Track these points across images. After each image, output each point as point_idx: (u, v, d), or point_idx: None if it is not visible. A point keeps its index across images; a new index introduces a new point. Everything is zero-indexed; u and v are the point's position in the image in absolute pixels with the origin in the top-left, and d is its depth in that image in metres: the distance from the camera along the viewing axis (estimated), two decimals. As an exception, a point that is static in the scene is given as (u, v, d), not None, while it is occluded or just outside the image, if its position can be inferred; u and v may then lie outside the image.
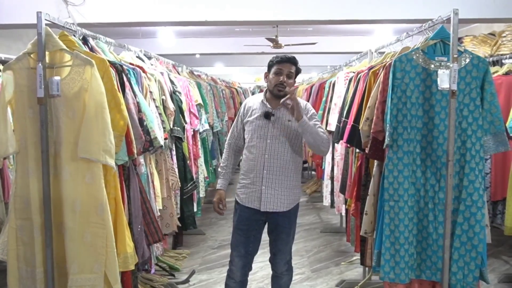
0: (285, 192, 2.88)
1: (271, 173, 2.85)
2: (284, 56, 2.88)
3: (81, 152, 2.35)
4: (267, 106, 2.92)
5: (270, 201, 2.86)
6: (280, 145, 2.86)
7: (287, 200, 2.89)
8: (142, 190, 2.88)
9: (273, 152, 2.85)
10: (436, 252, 2.56)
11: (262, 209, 2.86)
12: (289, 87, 2.82)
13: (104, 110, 2.38)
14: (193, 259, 4.59)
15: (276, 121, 2.87)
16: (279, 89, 2.82)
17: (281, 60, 2.87)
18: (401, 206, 2.55)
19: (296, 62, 2.89)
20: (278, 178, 2.86)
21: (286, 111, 2.84)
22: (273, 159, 2.85)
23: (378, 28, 7.80)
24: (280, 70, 2.83)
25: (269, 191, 2.86)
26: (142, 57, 3.84)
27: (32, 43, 2.40)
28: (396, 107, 2.55)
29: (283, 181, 2.87)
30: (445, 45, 2.54)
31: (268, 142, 2.86)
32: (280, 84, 2.82)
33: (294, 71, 2.86)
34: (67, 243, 2.41)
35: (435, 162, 2.54)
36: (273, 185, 2.86)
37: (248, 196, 2.91)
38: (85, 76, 2.37)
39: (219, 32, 8.29)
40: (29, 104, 2.43)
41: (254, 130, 2.90)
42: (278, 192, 2.86)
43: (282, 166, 2.86)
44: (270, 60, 2.92)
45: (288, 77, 2.83)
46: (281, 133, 2.86)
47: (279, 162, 2.86)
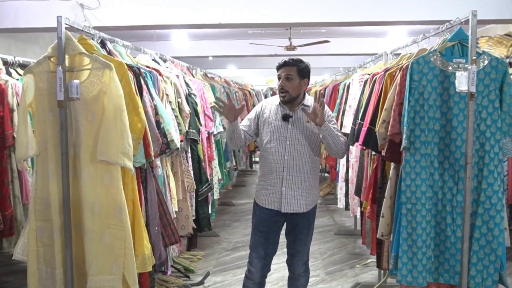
0: (305, 193, 2.90)
1: (291, 174, 2.87)
2: (281, 60, 2.93)
3: (100, 154, 2.37)
4: (284, 108, 2.94)
5: (290, 202, 2.88)
6: (299, 146, 2.88)
7: (307, 201, 2.91)
8: (159, 192, 2.91)
9: (293, 154, 2.88)
10: (454, 255, 2.54)
11: (283, 210, 2.88)
12: (291, 89, 2.85)
13: (122, 113, 2.40)
14: (207, 261, 4.61)
15: (294, 123, 2.90)
16: (281, 95, 2.89)
17: (278, 66, 2.92)
18: (419, 209, 2.53)
19: (294, 63, 2.87)
20: (298, 179, 2.88)
21: (303, 113, 2.86)
22: (292, 161, 2.87)
23: (391, 30, 7.77)
24: (279, 76, 2.90)
25: (289, 192, 2.88)
26: (158, 60, 3.87)
27: (52, 47, 2.44)
28: (413, 109, 2.54)
29: (303, 182, 2.89)
30: (463, 46, 2.53)
31: (287, 143, 2.88)
32: (281, 89, 2.88)
33: (294, 72, 2.85)
34: (86, 244, 2.43)
35: (453, 165, 2.53)
36: (293, 186, 2.88)
37: (268, 198, 2.92)
38: (104, 79, 2.40)
39: (232, 34, 8.32)
40: (49, 107, 2.46)
41: (273, 132, 2.91)
42: (298, 193, 2.88)
43: (302, 167, 2.89)
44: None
45: (287, 80, 2.85)
46: (300, 135, 2.89)
47: (298, 163, 2.88)
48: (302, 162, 2.88)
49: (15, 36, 6.83)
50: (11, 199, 3.54)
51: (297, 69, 2.86)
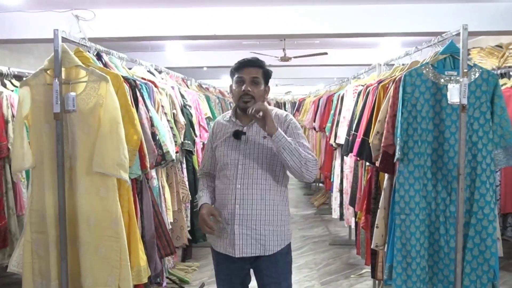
0: (266, 231, 2.29)
1: (244, 208, 2.27)
2: (243, 60, 2.36)
3: (96, 166, 2.38)
4: (237, 123, 2.38)
5: (245, 243, 2.26)
6: (255, 171, 2.29)
7: (270, 240, 2.30)
8: (155, 204, 2.92)
9: (247, 181, 2.28)
10: (448, 265, 2.56)
11: (237, 254, 2.27)
12: (258, 95, 2.29)
13: (118, 125, 2.41)
14: (202, 272, 4.60)
15: (248, 141, 2.33)
16: (245, 100, 2.29)
17: (239, 66, 2.35)
18: (412, 220, 2.56)
19: (260, 63, 2.36)
20: (254, 213, 2.27)
21: (260, 127, 2.28)
22: (246, 189, 2.27)
23: (385, 41, 7.85)
24: (241, 78, 2.31)
25: (243, 231, 2.26)
26: (153, 71, 3.89)
27: (49, 59, 2.45)
28: (406, 121, 2.57)
29: (262, 216, 2.28)
30: (455, 59, 2.57)
31: (239, 167, 2.29)
32: (245, 95, 2.29)
33: (261, 75, 2.33)
34: (82, 256, 2.44)
35: (446, 176, 2.56)
36: (248, 223, 2.27)
37: (220, 239, 2.34)
38: (100, 91, 2.42)
39: (227, 45, 8.37)
40: (45, 120, 2.47)
41: (223, 154, 2.35)
42: (255, 231, 2.27)
43: (259, 198, 2.28)
44: (230, 70, 2.38)
45: (253, 84, 2.30)
46: (255, 155, 2.30)
47: (254, 192, 2.28)
48: (260, 190, 2.28)
49: (10, 47, 6.84)
50: (5, 211, 3.53)
51: (263, 72, 2.35)
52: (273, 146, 2.25)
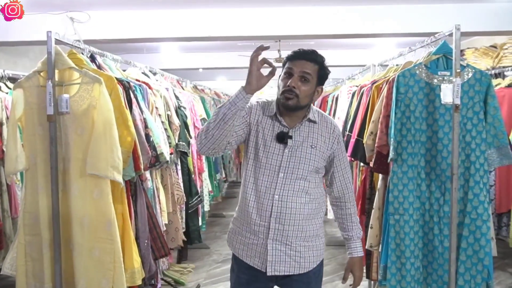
0: (302, 247, 2.03)
1: (281, 222, 1.99)
2: (299, 50, 2.00)
3: (89, 168, 2.38)
4: (281, 122, 2.02)
5: (279, 260, 2.00)
6: (296, 182, 2.00)
7: (306, 257, 2.05)
8: (149, 205, 2.91)
9: (286, 192, 1.99)
10: (442, 265, 2.57)
11: (270, 272, 2.01)
12: (303, 94, 1.93)
13: (112, 126, 2.41)
14: (198, 273, 4.59)
15: (294, 148, 2.01)
16: (287, 97, 1.93)
17: (293, 55, 1.99)
18: (406, 220, 2.57)
19: (317, 58, 1.98)
20: (291, 229, 2.00)
21: (308, 131, 2.03)
22: (285, 202, 1.98)
23: (379, 42, 7.86)
24: (290, 70, 1.95)
25: (277, 247, 2.00)
26: (148, 73, 3.89)
27: (42, 61, 2.45)
28: (400, 121, 2.58)
29: (299, 232, 2.02)
30: (448, 59, 2.58)
31: (280, 176, 1.99)
32: (288, 91, 1.92)
33: (314, 72, 1.96)
34: (75, 258, 2.43)
35: (440, 176, 2.56)
36: (284, 239, 2.00)
37: (247, 249, 2.06)
38: (94, 93, 2.41)
39: (222, 46, 8.36)
40: (38, 122, 2.47)
41: (262, 156, 2.01)
42: (291, 247, 2.01)
43: (298, 212, 2.00)
44: (284, 58, 2.05)
45: (303, 80, 1.94)
46: (299, 165, 2.00)
47: (294, 206, 1.99)
48: (300, 204, 2.00)
49: (5, 50, 6.82)
50: (0, 213, 3.52)
51: (318, 69, 1.98)
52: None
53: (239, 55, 7.97)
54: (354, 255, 2.18)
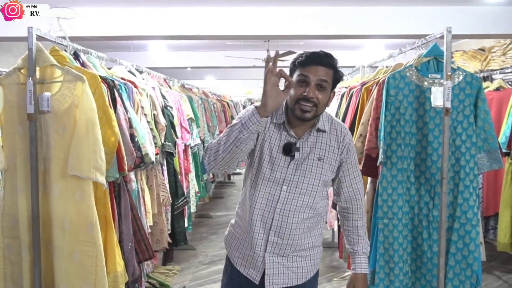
0: (299, 257, 1.95)
1: (280, 236, 1.89)
2: (313, 53, 1.81)
3: (70, 169, 2.30)
4: (289, 132, 1.88)
5: (278, 272, 1.91)
6: (300, 196, 1.88)
7: (303, 266, 1.96)
8: (133, 207, 2.84)
9: (289, 206, 1.87)
10: (430, 270, 2.54)
11: (268, 286, 1.91)
12: (322, 104, 1.79)
13: (95, 126, 2.34)
14: (183, 275, 4.53)
15: (300, 161, 1.88)
16: (303, 109, 1.77)
17: (307, 60, 1.79)
18: (395, 224, 2.53)
19: (333, 63, 1.82)
20: (290, 243, 1.90)
21: (315, 141, 1.89)
22: (286, 216, 1.87)
23: (368, 43, 7.86)
24: (305, 78, 1.78)
25: (275, 259, 1.91)
26: (134, 71, 3.81)
27: (23, 58, 2.37)
28: (389, 124, 2.54)
29: (298, 245, 1.92)
30: (438, 62, 2.55)
31: (284, 190, 1.87)
32: (305, 100, 1.76)
33: (329, 77, 1.80)
34: (56, 262, 2.35)
35: (429, 180, 2.53)
36: (282, 252, 1.91)
37: (244, 259, 1.97)
38: (76, 92, 2.34)
39: (211, 45, 8.30)
40: (18, 120, 2.38)
41: (266, 166, 1.88)
42: (287, 258, 1.92)
43: (298, 226, 1.89)
44: (292, 61, 1.86)
45: (319, 88, 1.78)
46: (305, 178, 1.87)
47: (295, 221, 1.88)
48: (301, 219, 1.89)
49: (-12, 46, 6.69)
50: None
51: (333, 73, 1.82)
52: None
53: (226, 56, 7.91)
54: (357, 271, 1.99)
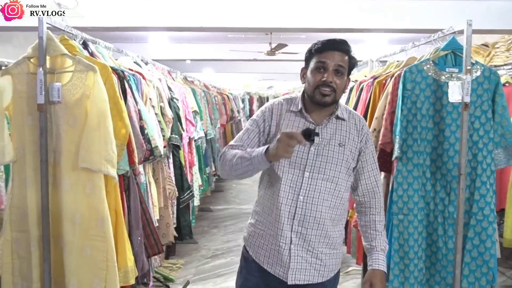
0: (324, 254, 1.89)
1: (305, 226, 1.85)
2: (329, 40, 1.84)
3: (82, 161, 2.25)
4: (307, 118, 1.89)
5: (301, 268, 1.86)
6: (323, 182, 1.85)
7: (327, 265, 1.90)
8: (142, 201, 2.78)
9: (312, 193, 1.84)
10: (445, 267, 2.51)
11: (290, 281, 1.86)
12: (340, 89, 1.84)
13: (106, 118, 2.28)
14: (186, 269, 4.49)
15: (321, 146, 1.86)
16: (323, 93, 1.81)
17: (323, 47, 1.82)
18: (411, 220, 2.49)
19: (349, 48, 1.86)
20: (315, 234, 1.86)
21: (335, 128, 1.89)
22: (310, 204, 1.84)
23: (371, 37, 7.80)
24: (323, 64, 1.81)
25: (299, 253, 1.86)
26: (140, 62, 3.74)
27: (32, 47, 2.30)
28: (406, 118, 2.50)
29: (324, 236, 1.87)
30: (456, 56, 2.50)
31: (306, 176, 1.84)
32: (324, 85, 1.80)
33: (346, 63, 1.84)
34: (66, 257, 2.30)
35: (445, 176, 2.49)
36: (306, 244, 1.86)
37: (270, 256, 1.90)
38: (88, 82, 2.28)
39: (213, 38, 8.22)
40: (28, 111, 2.32)
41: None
42: (313, 253, 1.87)
43: (323, 215, 1.85)
44: (308, 49, 1.89)
45: (337, 74, 1.82)
46: (327, 164, 1.85)
47: (319, 208, 1.84)
48: (326, 207, 1.85)
49: (-14, 35, 6.57)
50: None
51: (349, 59, 1.86)
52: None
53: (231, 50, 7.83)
54: (374, 267, 1.91)
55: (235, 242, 5.58)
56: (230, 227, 6.24)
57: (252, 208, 2.08)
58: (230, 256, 5.01)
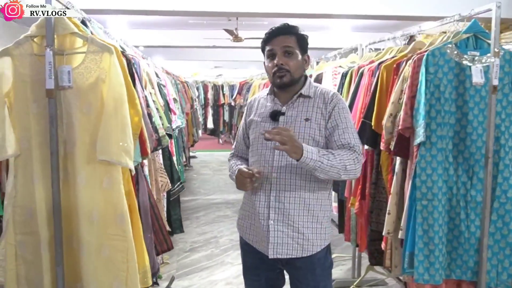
0: (306, 228, 1.97)
1: (281, 200, 1.95)
2: (272, 29, 2.01)
3: (100, 153, 2.02)
4: (275, 102, 2.06)
5: (282, 242, 1.96)
6: None
7: (310, 239, 1.98)
8: (151, 195, 2.58)
9: (284, 168, 1.95)
10: (467, 251, 2.50)
11: (271, 255, 1.97)
12: (293, 68, 1.96)
13: (123, 104, 2.07)
14: (168, 265, 4.30)
15: (287, 122, 1.99)
16: (280, 75, 1.96)
17: (269, 36, 2.00)
18: (435, 205, 2.46)
19: (291, 29, 2.00)
20: (293, 207, 1.95)
21: (302, 106, 2.01)
22: (284, 179, 1.95)
23: (334, 24, 7.80)
24: (271, 51, 1.98)
25: (279, 227, 1.95)
26: (124, 46, 3.47)
27: (37, 24, 2.03)
28: (428, 102, 2.45)
29: (302, 211, 1.96)
30: (477, 39, 2.49)
31: (276, 153, 1.96)
32: (279, 70, 1.96)
33: (294, 43, 1.98)
34: (83, 259, 2.07)
35: (468, 159, 2.48)
36: (285, 219, 1.95)
37: (252, 232, 2.06)
38: (103, 65, 2.04)
39: (171, 23, 7.88)
40: (33, 98, 2.05)
41: (257, 137, 2.04)
42: (293, 228, 1.96)
43: (298, 188, 1.96)
44: (261, 43, 2.07)
45: (286, 55, 1.97)
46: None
47: (293, 182, 1.95)
48: (299, 181, 1.95)
49: None
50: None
51: (297, 39, 2.00)
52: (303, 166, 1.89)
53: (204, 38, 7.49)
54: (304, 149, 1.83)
55: (211, 233, 5.42)
56: (202, 218, 6.08)
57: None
58: (210, 248, 4.86)
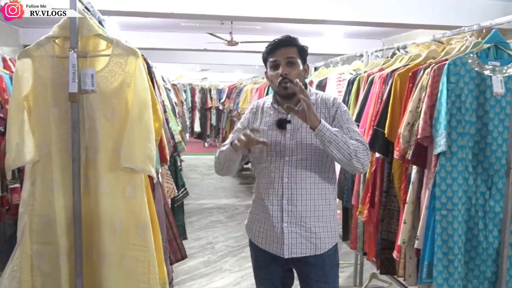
0: (317, 228, 2.11)
1: (293, 203, 2.08)
2: (274, 41, 2.11)
3: (125, 161, 1.94)
4: (279, 111, 2.15)
5: (295, 243, 2.09)
6: (303, 162, 2.09)
7: (322, 238, 2.12)
8: (165, 202, 2.51)
9: (295, 173, 2.08)
10: (485, 261, 2.50)
11: (287, 255, 2.09)
12: (296, 78, 2.02)
13: (147, 110, 2.01)
14: (166, 272, 4.22)
15: (295, 130, 2.11)
16: (284, 86, 2.04)
17: (271, 48, 2.10)
18: (455, 215, 2.45)
19: (293, 41, 2.11)
20: (304, 209, 2.08)
21: None
22: (295, 183, 2.08)
23: (328, 30, 7.81)
24: (275, 62, 2.08)
25: (293, 229, 2.08)
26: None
27: (59, 25, 1.95)
28: (449, 112, 2.45)
29: (313, 212, 2.10)
30: (498, 49, 2.49)
31: (286, 160, 2.08)
32: (283, 80, 2.05)
33: (296, 54, 2.09)
34: (105, 270, 1.99)
35: (487, 170, 2.48)
36: (298, 220, 2.09)
37: (266, 236, 2.15)
38: (128, 68, 1.97)
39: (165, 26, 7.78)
40: (53, 102, 1.96)
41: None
42: (305, 229, 2.09)
43: (310, 192, 2.09)
44: (262, 54, 2.17)
45: (289, 65, 2.07)
46: (303, 145, 2.10)
47: (304, 186, 2.08)
48: (309, 184, 2.09)
49: None
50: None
51: (298, 50, 2.10)
52: (317, 138, 1.99)
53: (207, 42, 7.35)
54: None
55: (206, 239, 5.35)
56: (195, 223, 6.01)
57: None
58: (207, 254, 4.79)
